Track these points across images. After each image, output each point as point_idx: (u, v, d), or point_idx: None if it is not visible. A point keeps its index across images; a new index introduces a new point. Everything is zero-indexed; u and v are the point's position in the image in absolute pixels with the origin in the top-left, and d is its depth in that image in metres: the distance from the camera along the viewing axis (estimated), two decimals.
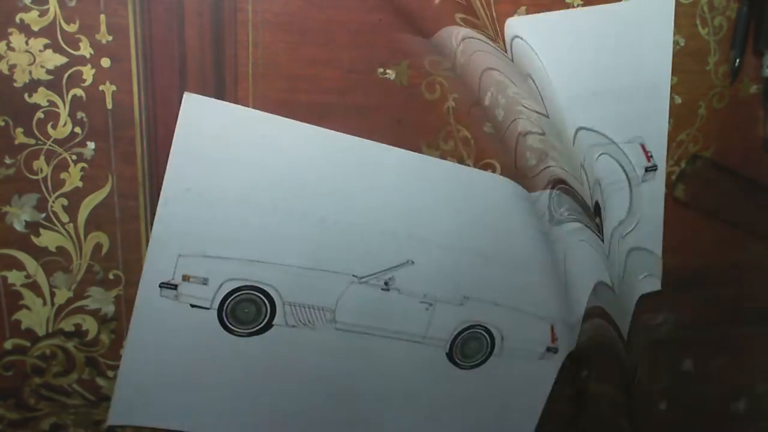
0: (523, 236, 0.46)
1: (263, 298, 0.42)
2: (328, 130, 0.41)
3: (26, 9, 0.35)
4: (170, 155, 0.39)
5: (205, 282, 0.41)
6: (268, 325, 0.43)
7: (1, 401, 0.41)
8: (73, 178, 0.38)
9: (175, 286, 0.41)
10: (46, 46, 0.36)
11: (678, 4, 0.46)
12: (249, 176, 0.40)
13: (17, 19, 0.35)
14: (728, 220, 0.50)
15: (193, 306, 0.41)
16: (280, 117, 0.40)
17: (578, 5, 0.44)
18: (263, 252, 0.41)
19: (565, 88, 0.45)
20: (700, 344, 0.56)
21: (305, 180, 0.41)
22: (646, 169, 0.48)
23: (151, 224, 0.40)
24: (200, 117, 0.39)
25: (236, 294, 0.42)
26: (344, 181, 0.42)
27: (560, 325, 0.49)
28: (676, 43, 0.47)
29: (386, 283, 0.44)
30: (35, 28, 0.35)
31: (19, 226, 0.38)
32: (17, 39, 0.35)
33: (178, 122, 0.38)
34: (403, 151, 0.42)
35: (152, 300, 0.41)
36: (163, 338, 0.42)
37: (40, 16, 0.35)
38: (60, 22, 0.36)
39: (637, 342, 0.52)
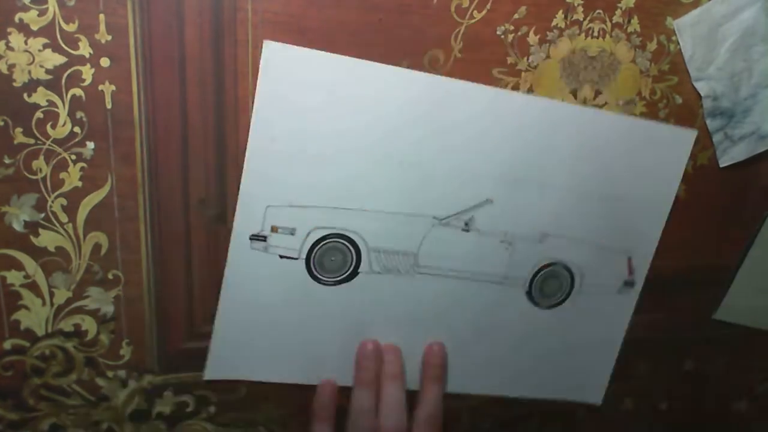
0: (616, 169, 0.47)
1: (349, 246, 0.43)
2: (402, 69, 0.41)
3: (25, 9, 0.35)
4: (255, 106, 0.39)
5: (292, 232, 0.42)
6: (354, 273, 0.44)
7: (0, 401, 0.41)
8: (72, 178, 0.38)
9: (264, 238, 0.42)
10: (45, 46, 0.36)
11: (678, 4, 0.46)
12: (330, 122, 0.41)
13: (16, 19, 0.35)
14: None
15: (282, 257, 0.43)
16: (357, 59, 0.40)
17: (578, 5, 0.44)
18: (346, 199, 0.43)
19: (585, 182, 0.47)
20: (700, 344, 0.56)
21: (383, 122, 0.42)
22: (625, 283, 0.50)
23: (151, 224, 0.40)
24: (280, 65, 0.39)
25: (323, 242, 0.43)
26: (420, 123, 0.42)
27: (637, 258, 0.50)
28: (676, 43, 0.47)
29: (466, 224, 0.44)
30: (34, 28, 0.35)
31: (18, 226, 0.38)
32: (16, 38, 0.35)
33: (260, 72, 0.39)
34: (480, 86, 0.43)
35: (243, 254, 0.42)
36: (255, 291, 0.43)
37: (39, 15, 0.35)
38: (59, 22, 0.36)
39: None
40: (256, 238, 0.42)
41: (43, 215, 0.38)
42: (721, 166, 0.50)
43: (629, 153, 0.47)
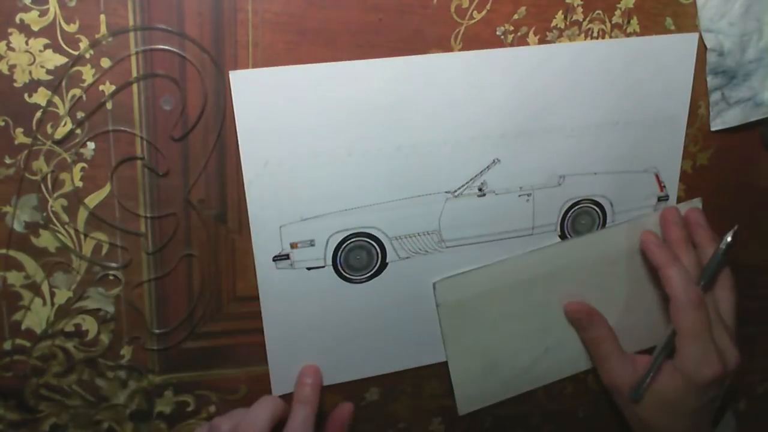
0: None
1: (370, 241, 0.44)
2: (369, 60, 0.41)
3: (26, 9, 0.35)
4: (238, 137, 0.40)
5: (312, 244, 0.43)
6: (383, 265, 0.45)
7: (1, 402, 0.41)
8: (73, 178, 0.38)
9: (286, 256, 0.42)
10: (46, 46, 0.36)
11: (678, 4, 0.46)
12: (315, 130, 0.41)
13: (17, 19, 0.35)
14: None
15: (309, 269, 0.43)
16: (323, 64, 0.40)
17: (577, 5, 0.44)
18: (354, 198, 0.43)
19: (588, 115, 0.46)
20: None
21: (367, 115, 0.41)
22: (659, 199, 0.49)
23: (151, 224, 0.40)
24: (251, 91, 0.39)
25: (344, 245, 0.43)
26: (404, 104, 0.42)
27: (664, 172, 0.49)
28: None
29: (480, 189, 0.45)
30: (35, 28, 0.35)
31: (18, 227, 0.38)
32: (17, 39, 0.35)
33: (233, 103, 0.39)
34: (454, 54, 0.42)
35: (271, 276, 0.43)
36: (293, 308, 0.44)
37: (40, 16, 0.35)
38: (60, 22, 0.36)
39: None
40: (279, 258, 0.42)
41: (43, 215, 0.38)
42: (713, 129, 0.49)
43: (629, 73, 0.46)
